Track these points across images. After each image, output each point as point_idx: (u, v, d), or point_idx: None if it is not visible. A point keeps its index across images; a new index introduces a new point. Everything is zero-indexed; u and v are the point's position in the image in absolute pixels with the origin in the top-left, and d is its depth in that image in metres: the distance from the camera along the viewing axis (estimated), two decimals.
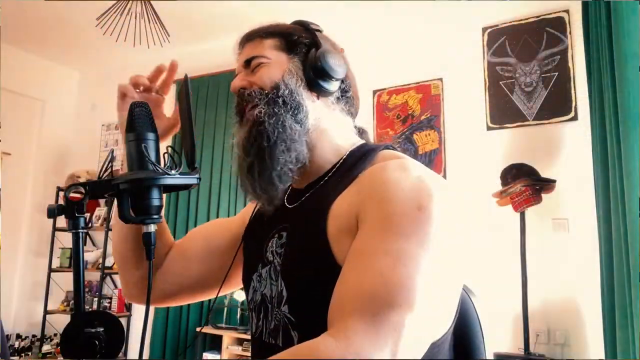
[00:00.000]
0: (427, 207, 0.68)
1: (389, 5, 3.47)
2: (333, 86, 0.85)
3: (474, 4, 3.22)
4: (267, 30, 0.88)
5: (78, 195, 0.68)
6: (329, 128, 0.86)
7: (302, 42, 0.86)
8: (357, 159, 0.83)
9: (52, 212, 0.68)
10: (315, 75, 0.83)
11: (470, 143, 3.13)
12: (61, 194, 4.28)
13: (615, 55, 2.22)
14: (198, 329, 3.73)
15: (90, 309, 3.44)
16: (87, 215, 4.23)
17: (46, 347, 4.17)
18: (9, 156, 4.40)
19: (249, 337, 3.28)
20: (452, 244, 0.71)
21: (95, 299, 4.08)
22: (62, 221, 0.71)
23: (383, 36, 3.50)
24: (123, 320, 3.97)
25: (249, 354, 3.25)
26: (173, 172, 0.70)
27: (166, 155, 0.72)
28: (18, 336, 4.30)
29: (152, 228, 0.71)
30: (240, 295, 3.45)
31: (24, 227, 4.55)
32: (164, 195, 0.74)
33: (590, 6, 2.54)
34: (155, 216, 0.71)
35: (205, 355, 3.52)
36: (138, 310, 4.22)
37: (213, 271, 0.95)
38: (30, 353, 4.24)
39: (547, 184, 2.74)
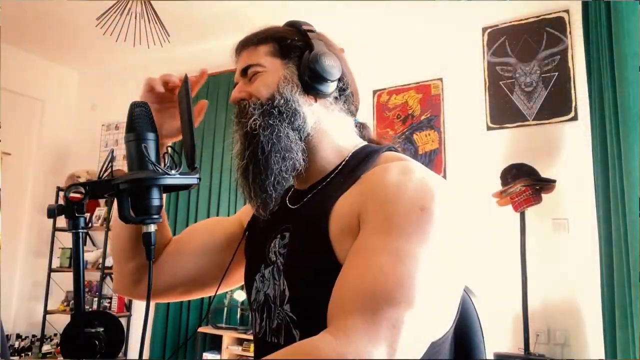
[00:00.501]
0: (430, 208, 0.69)
1: (389, 5, 3.47)
2: (329, 88, 0.85)
3: (474, 4, 3.22)
4: (261, 36, 0.88)
5: (78, 195, 0.68)
6: (329, 129, 0.87)
7: (295, 45, 0.86)
8: (360, 161, 0.83)
9: (52, 212, 0.68)
10: (310, 79, 0.83)
11: (470, 143, 3.13)
12: (61, 194, 4.28)
13: (615, 55, 2.22)
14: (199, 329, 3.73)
15: (90, 309, 3.44)
16: (87, 215, 4.22)
17: (46, 347, 4.17)
18: (9, 156, 4.40)
19: (248, 337, 3.29)
20: (454, 245, 0.71)
21: (95, 299, 4.08)
22: (62, 221, 0.71)
23: (383, 36, 3.50)
24: (123, 320, 3.97)
25: (248, 354, 3.25)
26: (173, 172, 0.70)
27: (166, 155, 0.72)
28: (18, 336, 4.30)
29: (152, 228, 0.71)
30: (240, 295, 3.45)
31: (24, 227, 4.55)
32: (164, 195, 0.74)
33: (590, 6, 2.53)
34: (155, 216, 0.71)
35: (205, 355, 3.52)
36: (138, 310, 4.22)
37: (210, 268, 0.96)
38: (30, 353, 4.24)
39: (547, 184, 2.74)
